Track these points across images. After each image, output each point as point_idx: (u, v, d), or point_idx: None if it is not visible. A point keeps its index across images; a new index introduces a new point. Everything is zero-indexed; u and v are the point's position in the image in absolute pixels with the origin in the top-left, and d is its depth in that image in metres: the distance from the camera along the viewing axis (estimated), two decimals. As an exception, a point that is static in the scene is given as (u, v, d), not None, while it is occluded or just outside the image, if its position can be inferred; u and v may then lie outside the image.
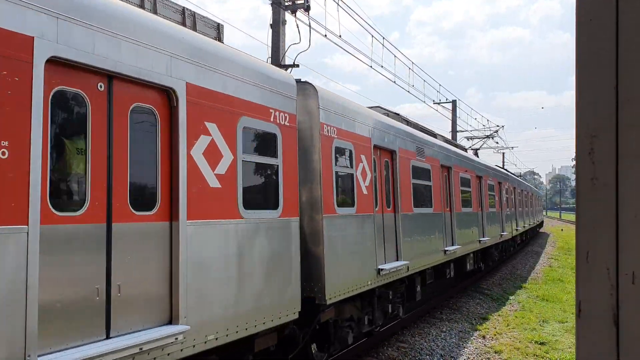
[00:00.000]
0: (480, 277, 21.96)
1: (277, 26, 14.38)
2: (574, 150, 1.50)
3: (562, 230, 62.31)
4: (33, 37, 4.19)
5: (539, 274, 24.05)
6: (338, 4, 14.09)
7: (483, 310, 15.99)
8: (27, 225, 4.03)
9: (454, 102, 37.79)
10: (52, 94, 4.41)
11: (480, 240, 18.97)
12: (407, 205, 11.84)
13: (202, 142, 5.84)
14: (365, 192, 9.72)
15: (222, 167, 6.15)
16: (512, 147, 60.03)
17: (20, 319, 3.97)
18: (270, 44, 14.17)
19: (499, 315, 15.17)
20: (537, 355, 11.27)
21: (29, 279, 4.04)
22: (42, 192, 4.27)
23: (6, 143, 3.96)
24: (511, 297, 18.11)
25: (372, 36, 17.79)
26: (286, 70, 11.71)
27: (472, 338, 12.73)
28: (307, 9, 13.62)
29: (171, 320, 5.37)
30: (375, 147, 10.39)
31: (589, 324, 1.46)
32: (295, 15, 13.61)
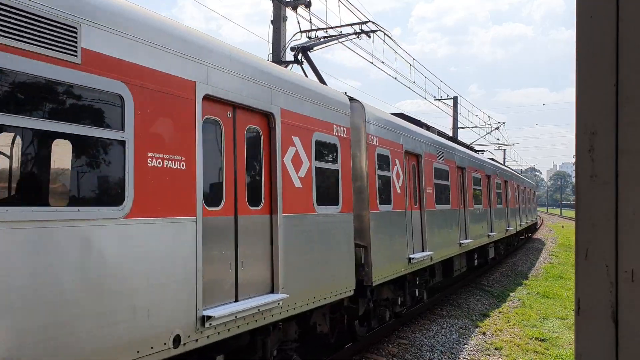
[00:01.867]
0: (482, 273, 21.98)
1: (278, 22, 14.36)
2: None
3: (562, 226, 62.30)
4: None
5: (539, 271, 24.07)
6: (339, 0, 14.06)
7: (483, 306, 16.00)
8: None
9: (455, 99, 37.75)
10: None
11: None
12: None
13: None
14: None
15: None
16: (513, 144, 59.99)
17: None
18: (271, 40, 14.15)
19: (499, 312, 15.18)
20: (537, 352, 11.28)
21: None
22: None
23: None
24: (511, 294, 18.12)
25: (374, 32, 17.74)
26: (286, 66, 11.73)
27: (472, 334, 12.75)
28: (307, 5, 13.60)
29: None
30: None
31: (588, 321, 1.46)
32: (296, 12, 13.59)
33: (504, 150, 67.89)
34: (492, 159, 29.28)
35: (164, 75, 5.28)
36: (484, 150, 32.37)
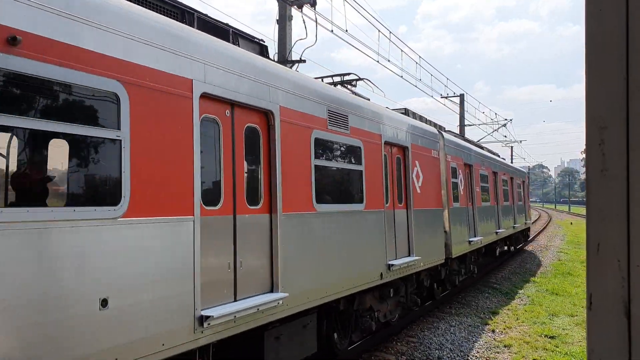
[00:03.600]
0: (490, 271, 21.92)
1: (283, 22, 14.36)
2: (584, 143, 1.49)
3: (571, 223, 61.99)
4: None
5: (548, 268, 23.96)
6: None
7: (492, 304, 15.95)
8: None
9: (461, 96, 37.63)
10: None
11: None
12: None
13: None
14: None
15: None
16: (521, 141, 59.77)
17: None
18: (276, 39, 14.15)
19: (508, 310, 15.13)
20: (546, 349, 11.23)
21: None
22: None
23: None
24: (520, 291, 18.05)
25: (379, 30, 17.74)
26: (292, 65, 11.75)
27: (481, 332, 12.72)
28: (313, 4, 13.59)
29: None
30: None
31: (600, 316, 1.46)
32: (301, 11, 13.58)
33: (511, 147, 67.64)
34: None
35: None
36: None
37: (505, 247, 26.84)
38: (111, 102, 4.75)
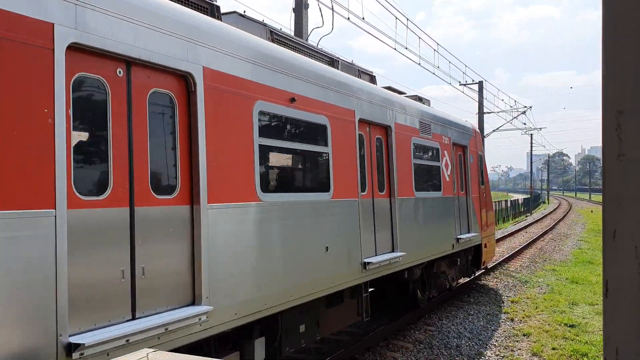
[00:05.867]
0: (509, 259, 21.78)
1: (299, 10, 14.32)
2: (601, 127, 1.47)
3: (592, 211, 61.30)
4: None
5: (568, 256, 23.74)
6: (361, -14, 13.95)
7: (511, 292, 15.87)
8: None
9: (480, 83, 37.28)
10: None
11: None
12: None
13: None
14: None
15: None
16: (540, 128, 59.07)
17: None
18: (293, 28, 14.11)
19: (527, 298, 15.04)
20: (566, 338, 11.16)
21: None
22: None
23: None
24: (540, 280, 17.92)
25: (396, 18, 17.60)
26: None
27: (500, 321, 12.67)
28: (329, -9, 13.50)
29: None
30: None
31: (617, 303, 1.44)
32: (317, -1, 13.50)
33: (531, 134, 66.95)
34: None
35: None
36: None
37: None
38: None
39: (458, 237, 13.19)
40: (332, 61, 9.59)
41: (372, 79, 11.13)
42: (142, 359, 3.64)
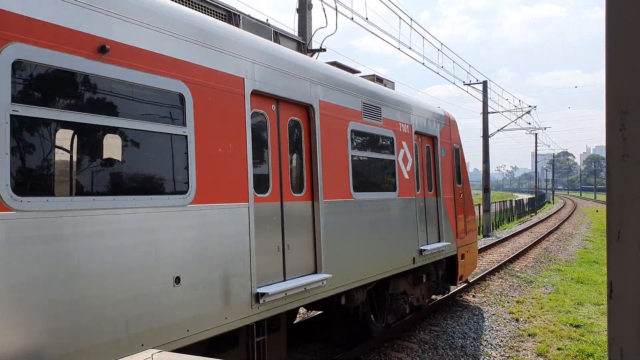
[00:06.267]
0: (514, 259, 21.73)
1: (303, 10, 14.32)
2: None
3: (597, 211, 61.03)
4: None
5: (573, 256, 23.66)
6: (364, -14, 13.93)
7: (516, 292, 15.82)
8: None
9: (484, 83, 37.13)
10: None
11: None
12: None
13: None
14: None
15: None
16: (545, 128, 58.85)
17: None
18: (296, 28, 14.11)
19: (532, 298, 14.99)
20: (572, 338, 11.12)
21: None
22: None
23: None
24: (545, 280, 17.86)
25: (400, 17, 17.58)
26: (312, 54, 11.71)
27: (505, 321, 12.63)
28: (333, -8, 13.48)
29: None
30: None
31: (622, 304, 1.43)
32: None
33: (536, 134, 66.71)
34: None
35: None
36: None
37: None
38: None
39: (422, 248, 10.69)
40: (230, 15, 7.34)
41: (300, 45, 9.37)
42: (147, 359, 3.66)
